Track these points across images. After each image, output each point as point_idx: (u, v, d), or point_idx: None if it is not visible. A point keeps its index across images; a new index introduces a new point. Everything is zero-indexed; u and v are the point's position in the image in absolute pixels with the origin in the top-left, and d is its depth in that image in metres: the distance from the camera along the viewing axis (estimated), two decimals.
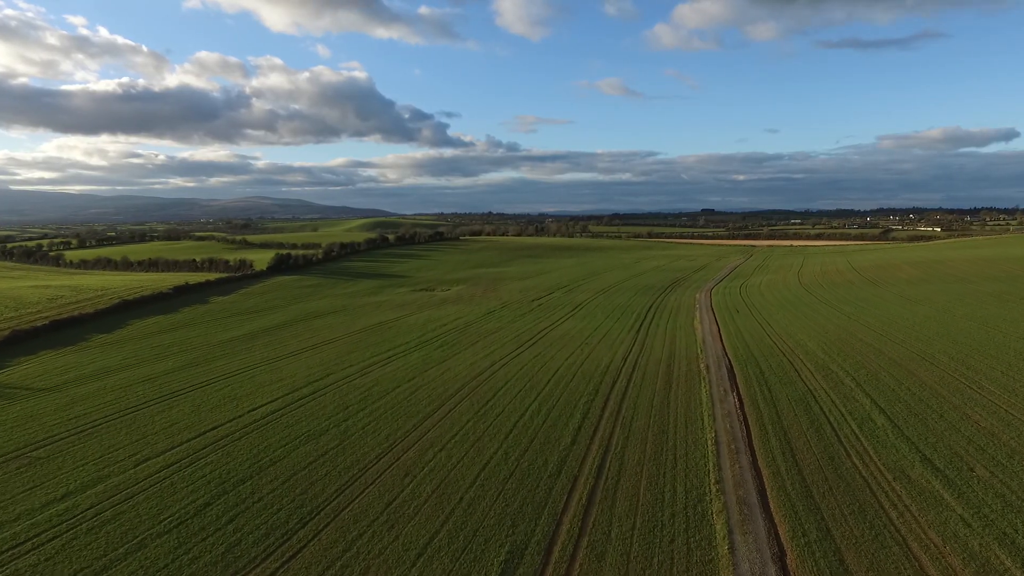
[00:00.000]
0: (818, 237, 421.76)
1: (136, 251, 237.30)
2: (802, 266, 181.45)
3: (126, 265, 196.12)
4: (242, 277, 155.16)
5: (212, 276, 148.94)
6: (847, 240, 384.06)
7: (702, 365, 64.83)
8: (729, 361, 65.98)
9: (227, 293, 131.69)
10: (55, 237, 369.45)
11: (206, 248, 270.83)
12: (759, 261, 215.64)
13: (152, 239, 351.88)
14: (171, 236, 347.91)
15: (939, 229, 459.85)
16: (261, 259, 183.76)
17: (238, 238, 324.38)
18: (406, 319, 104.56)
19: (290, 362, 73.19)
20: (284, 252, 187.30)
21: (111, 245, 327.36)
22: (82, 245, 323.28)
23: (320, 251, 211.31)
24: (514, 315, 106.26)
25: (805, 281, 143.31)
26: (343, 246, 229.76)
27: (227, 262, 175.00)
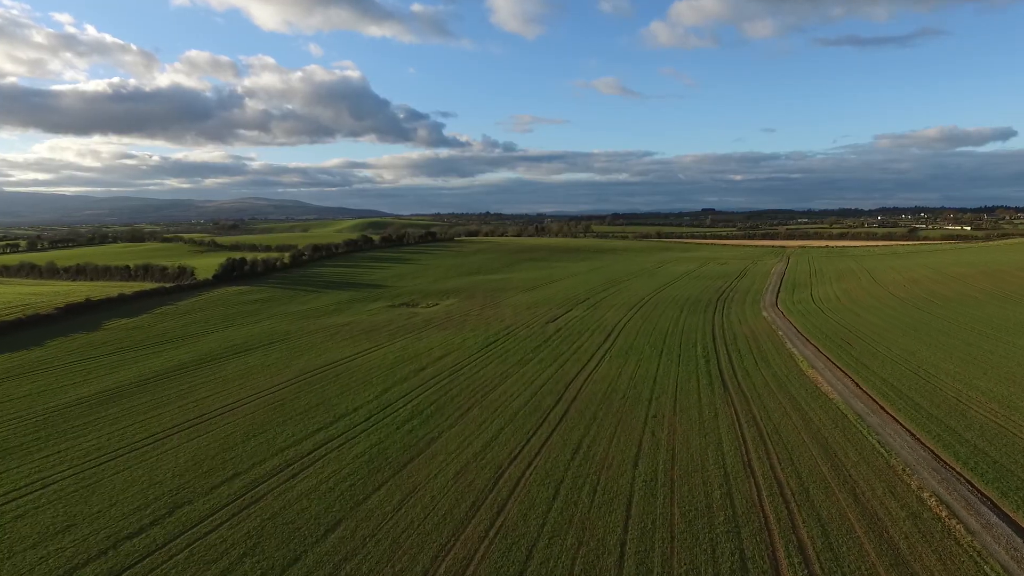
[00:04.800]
0: (841, 237, 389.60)
1: (67, 256, 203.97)
2: (871, 272, 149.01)
3: (51, 272, 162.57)
4: (173, 289, 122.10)
5: (130, 288, 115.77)
6: (875, 240, 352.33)
7: (934, 505, 31.99)
8: (982, 496, 33.19)
9: (137, 313, 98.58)
10: (3, 239, 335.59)
11: (169, 251, 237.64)
12: (805, 266, 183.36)
13: (114, 241, 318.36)
14: (134, 238, 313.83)
15: (968, 228, 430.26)
16: (210, 264, 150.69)
17: (207, 239, 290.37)
18: (369, 356, 71.84)
19: (127, 465, 40.28)
20: (238, 257, 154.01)
21: (67, 247, 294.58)
22: (32, 247, 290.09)
23: (287, 255, 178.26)
24: (524, 348, 73.69)
25: (897, 292, 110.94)
26: (316, 248, 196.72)
27: (164, 269, 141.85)
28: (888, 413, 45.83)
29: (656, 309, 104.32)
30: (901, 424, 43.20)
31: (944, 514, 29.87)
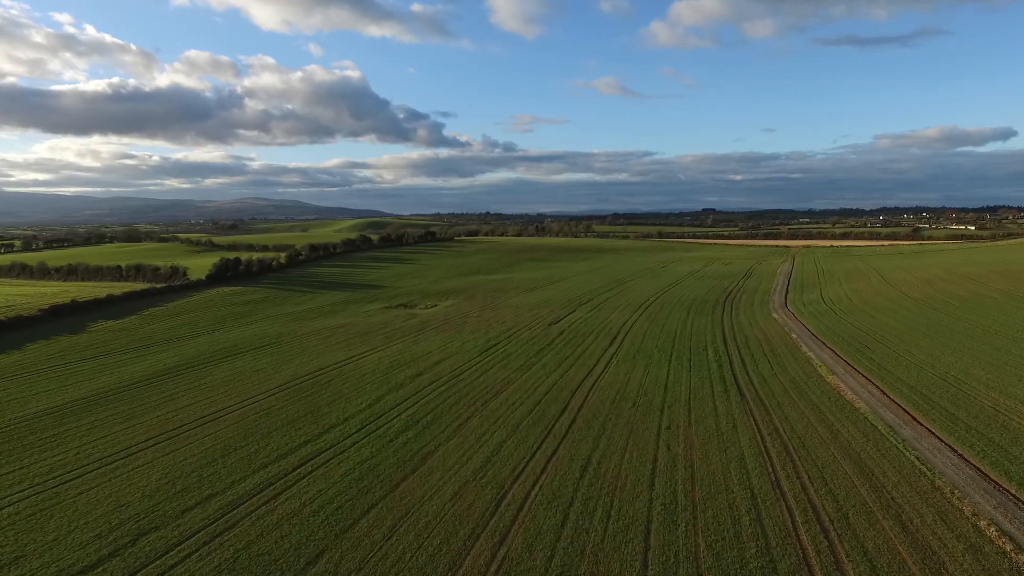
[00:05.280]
0: (844, 237, 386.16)
1: (60, 256, 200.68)
2: (881, 272, 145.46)
3: (42, 272, 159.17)
4: (165, 290, 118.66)
5: (120, 289, 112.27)
6: (879, 240, 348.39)
7: (994, 537, 28.42)
8: None
9: (124, 315, 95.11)
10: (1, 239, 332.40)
11: (165, 251, 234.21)
12: (811, 265, 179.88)
13: (111, 241, 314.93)
14: (131, 238, 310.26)
15: (972, 228, 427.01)
16: (205, 265, 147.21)
17: (204, 239, 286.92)
18: (363, 360, 68.39)
19: (94, 483, 36.77)
20: (232, 256, 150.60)
21: (62, 247, 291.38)
22: (27, 247, 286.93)
23: (283, 255, 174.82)
24: (527, 352, 70.24)
25: (911, 293, 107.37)
26: (313, 248, 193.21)
27: (156, 269, 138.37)
28: (922, 425, 42.32)
29: (662, 310, 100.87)
30: (938, 437, 39.69)
31: (1009, 548, 26.34)
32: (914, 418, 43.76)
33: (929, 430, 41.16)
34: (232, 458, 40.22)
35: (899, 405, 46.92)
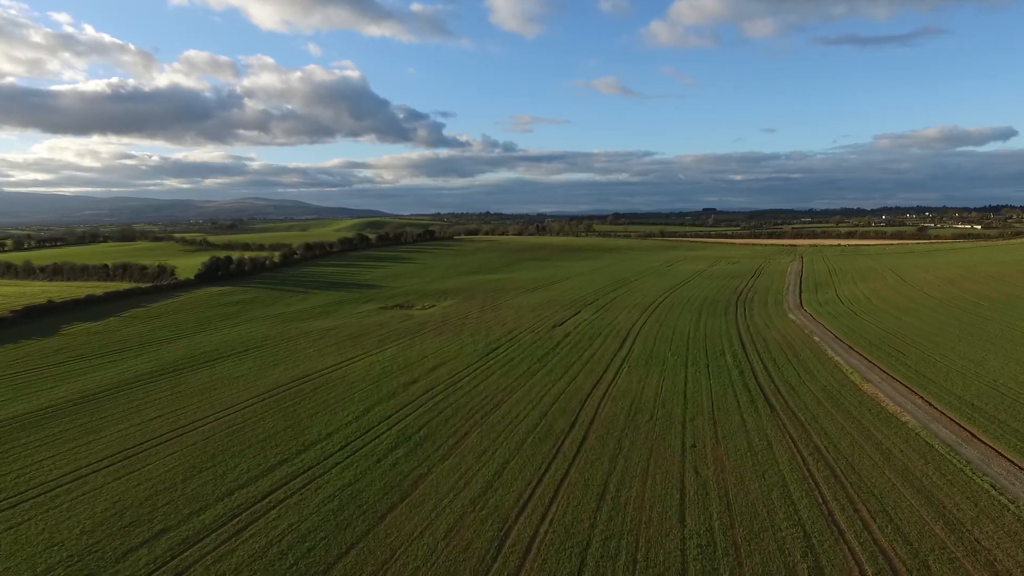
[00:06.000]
0: (849, 236, 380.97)
1: (49, 255, 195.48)
2: (896, 271, 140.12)
3: (28, 272, 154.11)
4: (151, 290, 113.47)
5: (101, 289, 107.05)
6: (885, 239, 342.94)
7: None
8: None
9: (103, 316, 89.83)
10: None
11: (159, 250, 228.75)
12: (821, 264, 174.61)
13: (105, 240, 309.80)
14: (125, 237, 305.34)
15: (978, 227, 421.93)
16: (196, 264, 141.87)
17: (199, 238, 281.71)
18: (353, 366, 63.11)
19: (28, 515, 31.48)
20: (223, 255, 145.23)
21: (55, 247, 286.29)
22: (19, 247, 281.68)
23: (277, 254, 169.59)
24: (531, 357, 64.97)
25: (933, 293, 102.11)
26: (309, 247, 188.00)
27: (144, 268, 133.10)
28: (985, 443, 37.05)
29: (672, 311, 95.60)
30: (1010, 459, 34.41)
31: None
32: (973, 435, 38.49)
33: (995, 450, 35.90)
34: (195, 482, 34.98)
35: (951, 419, 41.66)
